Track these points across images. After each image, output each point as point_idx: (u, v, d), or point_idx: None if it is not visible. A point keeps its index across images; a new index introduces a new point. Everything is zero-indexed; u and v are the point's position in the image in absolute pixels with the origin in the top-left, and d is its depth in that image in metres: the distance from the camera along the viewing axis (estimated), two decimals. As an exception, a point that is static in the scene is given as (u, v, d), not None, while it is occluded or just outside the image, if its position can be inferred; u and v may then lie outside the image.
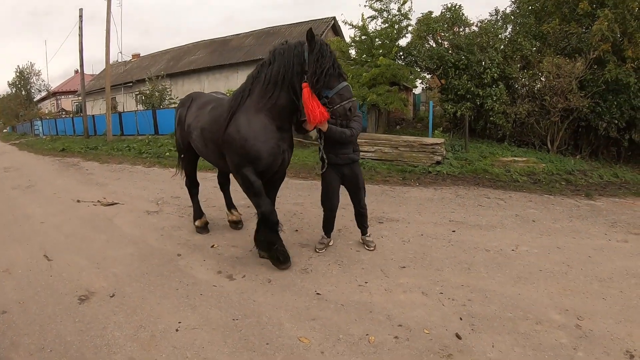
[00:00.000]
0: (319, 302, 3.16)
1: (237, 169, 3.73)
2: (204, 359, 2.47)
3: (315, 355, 2.48)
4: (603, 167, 9.92)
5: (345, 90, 3.36)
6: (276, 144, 3.62)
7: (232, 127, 3.64)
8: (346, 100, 3.34)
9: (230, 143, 3.66)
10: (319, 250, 4.17)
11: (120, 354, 2.57)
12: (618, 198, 6.88)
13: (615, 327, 2.86)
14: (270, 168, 3.72)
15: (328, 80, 3.32)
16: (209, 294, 3.33)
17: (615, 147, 12.34)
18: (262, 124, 3.57)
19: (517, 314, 3.00)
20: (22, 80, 43.92)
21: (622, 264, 3.95)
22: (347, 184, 4.07)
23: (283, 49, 3.49)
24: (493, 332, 2.77)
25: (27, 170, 11.66)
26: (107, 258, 4.26)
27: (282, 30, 19.22)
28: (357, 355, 2.51)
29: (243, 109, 3.65)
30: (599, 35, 10.42)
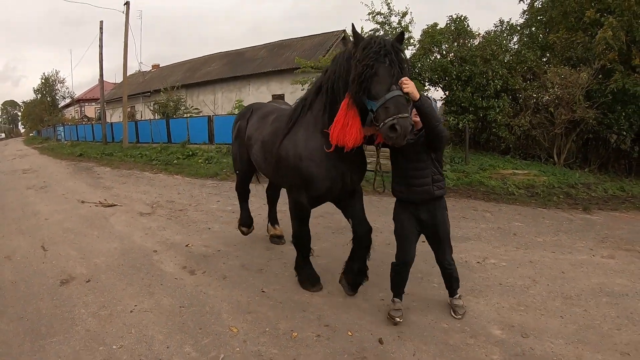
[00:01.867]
0: (260, 298, 3.60)
1: (290, 189, 3.48)
2: (144, 335, 2.98)
3: (237, 342, 2.90)
4: (612, 180, 9.62)
5: (392, 102, 2.51)
6: (333, 166, 3.11)
7: (289, 142, 3.29)
8: (391, 117, 2.49)
9: (284, 160, 3.33)
10: (399, 319, 3.10)
11: (80, 326, 3.13)
12: (619, 212, 6.83)
13: (563, 347, 2.82)
14: (327, 194, 3.31)
15: (373, 88, 2.59)
16: (168, 285, 3.87)
17: (627, 160, 11.79)
18: (319, 143, 3.11)
19: (454, 325, 3.08)
20: (47, 87, 46.10)
21: (598, 281, 3.93)
22: (425, 231, 3.15)
23: (338, 55, 3.07)
24: (419, 342, 2.84)
25: (44, 173, 12.63)
26: (93, 250, 4.88)
27: (294, 43, 20.02)
28: (275, 347, 2.81)
29: (303, 123, 3.27)
30: (603, 44, 10.05)
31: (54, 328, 3.10)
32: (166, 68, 28.03)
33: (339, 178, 3.20)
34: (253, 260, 4.47)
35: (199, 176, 10.81)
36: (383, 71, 2.57)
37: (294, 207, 3.48)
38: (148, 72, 28.93)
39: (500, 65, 11.34)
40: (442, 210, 3.06)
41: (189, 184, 9.90)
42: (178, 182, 10.28)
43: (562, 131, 11.05)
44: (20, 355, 2.76)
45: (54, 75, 46.21)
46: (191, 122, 16.47)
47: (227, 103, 18.75)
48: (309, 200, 3.36)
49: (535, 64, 11.61)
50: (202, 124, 15.77)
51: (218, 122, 15.14)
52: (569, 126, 10.99)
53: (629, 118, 10.41)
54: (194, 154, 13.94)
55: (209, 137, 15.44)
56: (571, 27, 11.49)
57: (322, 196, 3.34)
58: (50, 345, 2.87)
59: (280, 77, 17.09)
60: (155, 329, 3.07)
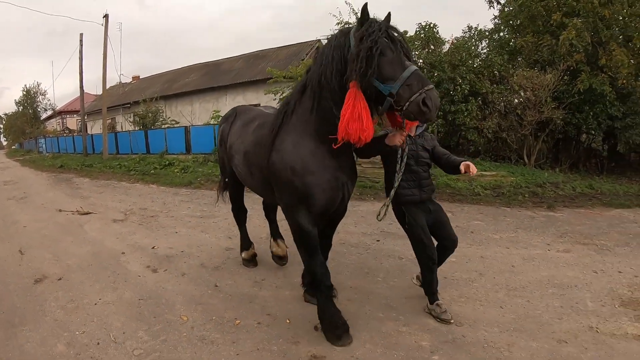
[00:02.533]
0: (213, 292, 4.04)
1: (287, 211, 2.98)
2: (104, 323, 3.42)
3: (185, 328, 3.33)
4: (582, 179, 9.78)
5: (414, 77, 2.30)
6: (333, 176, 2.81)
7: (276, 154, 2.88)
8: (417, 92, 2.26)
9: (275, 175, 2.90)
10: (452, 320, 3.19)
11: (49, 316, 3.58)
12: (584, 209, 7.10)
13: (496, 335, 2.99)
14: (329, 207, 2.93)
15: (384, 70, 2.35)
16: (131, 281, 4.34)
17: (598, 159, 12.07)
18: (310, 149, 2.78)
19: (390, 315, 3.32)
20: (29, 99, 45.74)
21: (547, 274, 4.12)
22: (433, 221, 3.30)
23: (325, 45, 2.69)
24: (353, 329, 3.00)
25: (24, 184, 12.96)
26: (66, 254, 5.31)
27: (270, 54, 20.59)
28: (218, 332, 3.16)
29: (289, 128, 2.88)
30: (567, 45, 10.32)
31: (26, 319, 3.55)
32: (145, 80, 28.38)
33: (338, 190, 2.89)
34: (212, 260, 4.94)
35: (173, 185, 11.27)
36: (394, 49, 2.37)
37: (297, 233, 2.95)
38: (128, 84, 29.21)
39: (467, 70, 11.60)
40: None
41: (163, 192, 10.36)
42: (153, 190, 10.73)
43: (531, 132, 11.32)
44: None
45: (35, 87, 46.03)
46: (169, 132, 16.93)
47: (205, 113, 19.19)
48: (311, 220, 2.87)
49: (503, 67, 11.92)
50: (180, 135, 16.24)
51: (195, 132, 15.64)
52: (537, 127, 11.28)
53: (596, 117, 10.73)
54: (171, 163, 14.38)
55: (186, 147, 15.92)
56: (538, 30, 11.80)
57: (323, 212, 2.92)
58: (21, 332, 3.31)
59: (256, 87, 17.59)
60: (115, 318, 3.53)
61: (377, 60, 2.32)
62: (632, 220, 6.49)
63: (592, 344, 2.91)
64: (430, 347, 2.86)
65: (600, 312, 3.39)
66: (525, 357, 2.76)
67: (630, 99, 10.89)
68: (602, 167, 11.68)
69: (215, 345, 3.01)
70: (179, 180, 11.75)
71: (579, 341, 2.95)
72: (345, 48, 2.47)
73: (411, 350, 2.84)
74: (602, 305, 3.51)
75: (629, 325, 3.17)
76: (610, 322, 3.22)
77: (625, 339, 2.98)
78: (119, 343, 3.10)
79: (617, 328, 3.13)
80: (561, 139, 12.31)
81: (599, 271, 4.28)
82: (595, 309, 3.44)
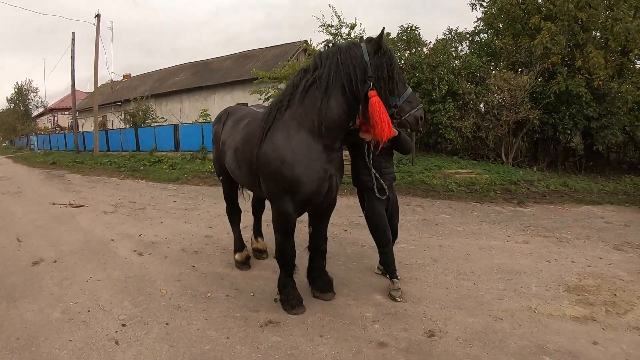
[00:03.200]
0: (190, 271, 4.58)
1: (272, 197, 3.26)
2: (94, 296, 3.95)
3: (165, 299, 3.83)
4: (560, 177, 10.10)
5: (413, 96, 3.04)
6: (321, 168, 3.10)
7: (268, 145, 3.13)
8: (416, 108, 3.02)
9: (265, 165, 3.15)
10: (399, 298, 3.59)
11: (46, 291, 4.11)
12: (554, 205, 7.36)
13: (436, 310, 3.36)
14: (313, 197, 3.19)
15: (396, 87, 2.97)
16: (119, 263, 4.87)
17: (576, 158, 12.42)
18: (304, 142, 3.06)
19: (342, 291, 3.77)
20: (20, 96, 45.96)
21: (500, 262, 4.42)
22: (388, 209, 3.73)
23: (333, 52, 3.02)
24: (307, 302, 3.53)
25: (18, 180, 13.44)
26: (60, 241, 5.83)
27: (258, 54, 21.14)
28: (191, 302, 3.67)
29: (281, 124, 3.13)
30: (541, 48, 10.67)
31: (25, 293, 4.07)
32: (136, 78, 28.79)
33: (325, 180, 3.16)
34: (192, 245, 5.48)
35: (161, 181, 11.79)
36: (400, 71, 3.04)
37: (278, 217, 3.27)
38: (119, 82, 29.58)
39: (446, 71, 12.01)
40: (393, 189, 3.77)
41: (152, 187, 10.88)
42: (142, 186, 11.24)
43: (509, 132, 11.73)
44: None
45: (27, 85, 46.13)
46: (158, 130, 17.39)
47: (194, 112, 19.65)
48: (295, 208, 3.19)
49: (482, 68, 12.35)
50: (169, 133, 16.71)
51: (183, 130, 16.12)
52: (514, 127, 11.68)
53: (573, 117, 11.07)
54: (160, 160, 14.87)
55: (175, 144, 16.39)
56: (517, 33, 12.18)
57: (308, 200, 3.18)
58: (21, 304, 3.83)
59: (244, 86, 18.07)
60: (104, 292, 4.07)
61: (396, 80, 2.95)
62: (598, 215, 6.76)
63: (526, 322, 3.18)
64: (372, 318, 3.30)
65: (542, 296, 3.65)
66: (457, 329, 3.10)
67: (606, 100, 11.20)
68: (580, 166, 12.01)
69: (188, 312, 3.56)
70: (167, 176, 12.26)
71: (514, 319, 3.23)
72: (361, 60, 2.92)
73: (355, 319, 3.28)
74: (547, 290, 3.77)
75: (569, 307, 3.43)
76: (550, 304, 3.48)
77: (561, 319, 3.23)
78: (107, 310, 3.64)
79: (556, 310, 3.39)
80: (539, 139, 12.71)
81: (552, 260, 4.54)
82: (538, 293, 3.71)
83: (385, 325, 3.19)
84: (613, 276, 4.09)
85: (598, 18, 10.82)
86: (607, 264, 4.46)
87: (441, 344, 2.93)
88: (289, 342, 3.01)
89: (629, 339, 2.95)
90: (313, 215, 3.62)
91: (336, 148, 3.22)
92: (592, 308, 3.42)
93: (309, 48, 15.58)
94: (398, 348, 2.90)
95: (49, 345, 3.06)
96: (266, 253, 4.87)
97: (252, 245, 4.92)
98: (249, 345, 2.99)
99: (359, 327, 3.18)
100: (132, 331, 3.25)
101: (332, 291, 3.74)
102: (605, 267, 4.35)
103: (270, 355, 2.85)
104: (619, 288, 3.80)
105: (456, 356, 2.78)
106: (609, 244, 5.15)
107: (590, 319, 3.25)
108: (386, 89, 2.92)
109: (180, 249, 5.38)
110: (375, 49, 2.92)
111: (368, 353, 2.84)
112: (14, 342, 3.12)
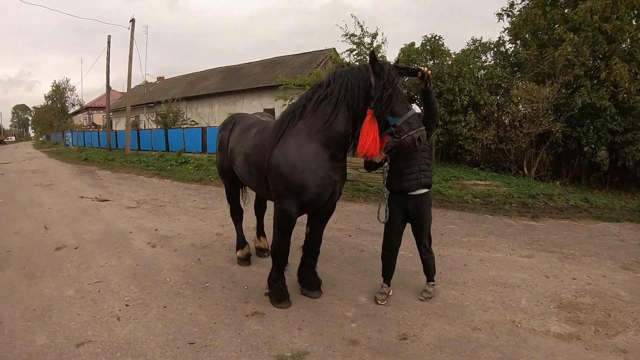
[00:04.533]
0: (195, 264, 4.91)
1: (279, 198, 3.51)
2: (106, 279, 4.35)
3: (167, 286, 4.17)
4: (582, 192, 9.81)
5: (414, 118, 3.13)
6: (326, 174, 3.36)
7: (279, 151, 3.40)
8: (415, 130, 3.10)
9: (275, 169, 3.41)
10: (380, 301, 3.75)
11: (64, 272, 4.54)
12: (569, 221, 7.20)
13: (416, 316, 3.49)
14: (317, 200, 3.45)
15: (395, 107, 3.13)
16: (133, 253, 5.28)
17: (601, 173, 11.91)
18: (313, 151, 3.33)
19: (330, 291, 3.95)
20: (57, 94, 48.32)
21: (495, 274, 4.44)
22: (411, 221, 3.75)
23: (345, 71, 3.29)
24: (294, 298, 3.77)
25: (50, 173, 14.37)
26: (83, 230, 6.32)
27: (286, 60, 21.65)
28: (190, 290, 4.01)
29: (293, 132, 3.41)
30: (563, 60, 10.37)
31: (46, 273, 4.52)
32: (169, 81, 29.93)
33: (329, 186, 3.40)
34: (202, 241, 5.84)
35: (186, 180, 12.31)
36: (401, 93, 3.16)
37: (280, 215, 3.51)
38: (153, 84, 30.81)
39: (468, 82, 11.79)
40: (427, 204, 3.66)
41: (176, 186, 11.40)
42: (167, 185, 11.79)
43: (529, 145, 11.38)
44: (21, 287, 4.16)
45: (64, 83, 48.50)
46: (187, 132, 18.10)
47: (223, 116, 20.22)
48: (297, 208, 3.44)
49: (505, 79, 12.07)
50: (197, 135, 17.38)
51: (211, 133, 16.72)
52: (535, 140, 11.31)
53: (597, 131, 10.65)
54: (187, 161, 15.45)
55: (202, 146, 17.01)
56: (543, 44, 11.78)
57: (312, 202, 3.43)
58: (41, 282, 4.27)
59: (272, 92, 18.51)
60: (115, 276, 4.47)
61: (393, 102, 3.10)
62: (614, 233, 6.52)
63: (505, 335, 3.19)
64: (352, 317, 3.48)
65: (530, 310, 3.62)
66: (432, 335, 3.19)
67: (632, 114, 10.65)
68: (605, 182, 11.44)
69: (185, 299, 3.90)
70: (192, 176, 12.78)
71: (494, 331, 3.25)
72: (367, 81, 3.15)
73: (335, 317, 3.48)
74: (536, 305, 3.73)
75: (555, 324, 3.38)
76: (535, 320, 3.44)
77: (543, 336, 3.20)
78: (115, 292, 4.03)
79: (541, 325, 3.35)
80: (563, 152, 12.32)
81: (552, 276, 4.46)
82: (527, 307, 3.68)
83: (362, 325, 3.35)
84: (613, 296, 3.98)
85: (624, 29, 10.42)
86: (610, 282, 4.33)
87: (411, 348, 3.05)
88: (269, 332, 3.28)
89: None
90: (313, 218, 3.83)
91: (340, 158, 3.47)
92: (580, 327, 3.35)
93: (335, 56, 15.90)
94: (368, 347, 3.08)
95: (60, 317, 3.47)
96: (268, 252, 4.99)
97: (255, 244, 5.18)
98: (232, 331, 3.28)
99: (337, 325, 3.39)
100: (133, 311, 3.62)
101: (319, 290, 3.96)
102: (607, 286, 4.22)
103: (249, 342, 3.13)
104: (615, 308, 3.70)
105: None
106: (617, 263, 5.00)
107: (575, 337, 3.19)
108: (384, 109, 3.08)
109: (190, 243, 5.74)
110: (377, 72, 3.13)
111: (338, 348, 3.05)
112: (31, 313, 3.54)
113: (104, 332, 3.24)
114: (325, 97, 3.29)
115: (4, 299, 3.81)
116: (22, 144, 51.70)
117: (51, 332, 3.23)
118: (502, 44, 13.70)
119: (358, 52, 13.36)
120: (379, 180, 9.08)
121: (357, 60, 13.17)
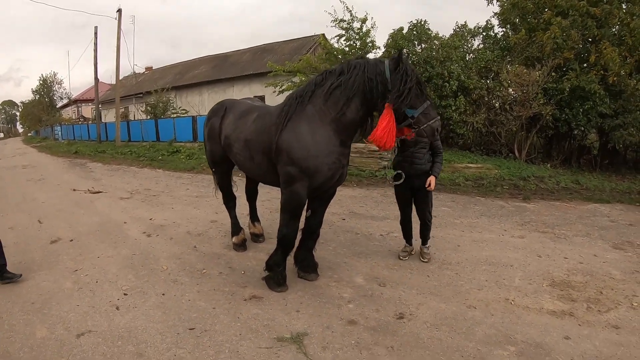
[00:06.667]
0: (192, 251, 4.95)
1: (289, 182, 3.51)
2: (103, 269, 4.36)
3: (164, 274, 4.22)
4: (573, 174, 9.94)
5: (430, 109, 3.31)
6: (337, 159, 3.49)
7: (290, 135, 3.44)
8: (432, 120, 3.30)
9: (287, 152, 3.44)
10: (402, 257, 4.45)
11: (61, 265, 4.55)
12: (560, 202, 7.34)
13: (412, 295, 3.58)
14: (326, 184, 3.57)
15: (413, 100, 3.25)
16: (129, 242, 5.29)
17: (592, 155, 12.11)
18: (327, 137, 3.42)
19: (326, 274, 4.05)
20: (45, 88, 47.63)
21: (488, 254, 4.55)
22: (416, 194, 4.29)
23: (361, 64, 3.37)
24: (291, 280, 3.85)
25: (41, 168, 14.23)
26: (78, 223, 6.30)
27: (275, 47, 21.47)
28: (187, 277, 4.06)
29: (304, 117, 3.47)
30: (552, 44, 10.51)
31: (42, 266, 4.52)
32: (158, 71, 29.59)
33: (339, 170, 3.55)
34: (197, 229, 5.86)
35: (178, 170, 12.30)
36: (420, 87, 3.31)
37: (290, 199, 3.53)
38: (141, 75, 30.44)
39: (457, 66, 11.84)
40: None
41: (168, 176, 11.39)
42: (159, 174, 11.77)
43: (519, 128, 11.52)
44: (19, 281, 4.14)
45: (52, 77, 47.72)
46: (177, 122, 17.98)
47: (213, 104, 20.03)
48: (307, 191, 3.50)
49: (495, 63, 12.08)
50: (187, 124, 17.28)
51: (201, 121, 16.55)
52: (525, 123, 11.45)
53: (586, 114, 10.72)
54: (178, 150, 15.40)
55: (193, 135, 16.92)
56: (532, 27, 11.89)
57: (322, 185, 3.52)
58: (38, 274, 4.27)
59: (261, 79, 18.30)
60: (112, 266, 4.48)
61: (412, 96, 3.24)
62: (605, 214, 6.65)
63: (500, 312, 3.29)
64: (349, 298, 3.56)
65: (523, 289, 3.73)
66: (428, 314, 3.29)
67: (622, 97, 10.80)
68: (595, 164, 11.67)
69: (183, 285, 3.94)
70: (184, 165, 12.75)
71: (488, 308, 3.35)
72: (384, 75, 3.27)
73: (332, 298, 3.56)
74: (529, 284, 3.84)
75: (548, 301, 3.48)
76: (529, 297, 3.54)
77: (537, 312, 3.31)
78: (112, 282, 4.05)
79: (534, 303, 3.45)
80: (554, 135, 12.46)
81: (544, 255, 4.57)
82: (520, 286, 3.79)
83: (359, 306, 3.43)
84: (604, 274, 4.07)
85: (613, 14, 10.52)
86: (601, 262, 4.42)
87: (408, 326, 3.13)
88: (267, 315, 3.33)
89: (604, 337, 2.97)
90: (316, 201, 3.88)
91: (348, 144, 3.61)
92: (573, 304, 3.44)
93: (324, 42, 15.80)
94: (366, 326, 3.15)
95: (59, 309, 3.48)
96: (262, 237, 5.17)
97: (250, 229, 5.20)
98: (231, 315, 3.33)
99: (334, 306, 3.47)
100: (132, 299, 3.65)
101: (316, 272, 4.04)
102: (599, 265, 4.32)
103: (248, 325, 3.18)
104: (607, 286, 3.79)
105: (420, 338, 2.97)
106: (608, 243, 5.10)
107: (568, 314, 3.28)
108: (402, 102, 3.20)
109: (185, 231, 5.76)
110: (395, 67, 3.24)
111: (337, 329, 3.12)
112: (30, 306, 3.55)
113: (103, 321, 3.27)
114: (339, 85, 3.38)
115: (2, 294, 3.81)
116: (11, 140, 50.89)
117: (51, 324, 3.25)
118: (490, 28, 13.76)
119: (347, 37, 13.24)
120: (371, 165, 9.45)
121: (346, 46, 13.16)
